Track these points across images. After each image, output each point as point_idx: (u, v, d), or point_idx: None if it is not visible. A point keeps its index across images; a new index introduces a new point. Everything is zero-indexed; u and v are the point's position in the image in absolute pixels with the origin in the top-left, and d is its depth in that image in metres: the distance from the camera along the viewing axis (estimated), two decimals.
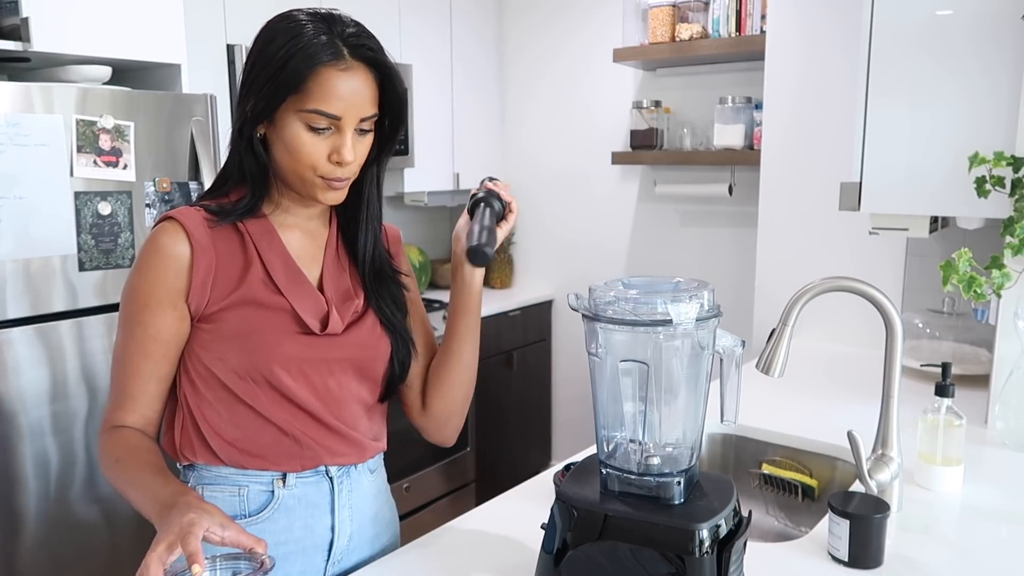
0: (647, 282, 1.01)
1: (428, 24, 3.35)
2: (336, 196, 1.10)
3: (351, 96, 1.03)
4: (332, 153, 1.05)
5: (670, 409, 0.98)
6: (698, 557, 0.89)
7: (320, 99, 1.02)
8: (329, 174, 1.06)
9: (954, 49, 1.70)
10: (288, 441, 1.12)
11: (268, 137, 1.08)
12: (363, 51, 1.04)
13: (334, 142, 1.05)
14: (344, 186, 1.09)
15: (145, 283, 1.07)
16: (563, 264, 3.74)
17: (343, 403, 1.16)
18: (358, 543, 1.22)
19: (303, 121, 1.03)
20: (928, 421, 1.41)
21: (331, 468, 1.16)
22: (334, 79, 1.02)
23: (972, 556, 1.20)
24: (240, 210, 1.10)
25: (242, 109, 1.07)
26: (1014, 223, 1.50)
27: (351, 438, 1.17)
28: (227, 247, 1.10)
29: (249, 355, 1.08)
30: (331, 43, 1.02)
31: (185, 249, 1.07)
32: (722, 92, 3.11)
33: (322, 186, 1.08)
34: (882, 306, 1.30)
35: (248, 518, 1.13)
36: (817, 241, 2.51)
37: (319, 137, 1.04)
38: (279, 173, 1.10)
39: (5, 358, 1.87)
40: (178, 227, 1.07)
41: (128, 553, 2.10)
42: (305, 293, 1.12)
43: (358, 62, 1.04)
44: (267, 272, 1.11)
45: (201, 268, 1.07)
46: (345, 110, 1.03)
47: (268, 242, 1.12)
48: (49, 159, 1.89)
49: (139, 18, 2.14)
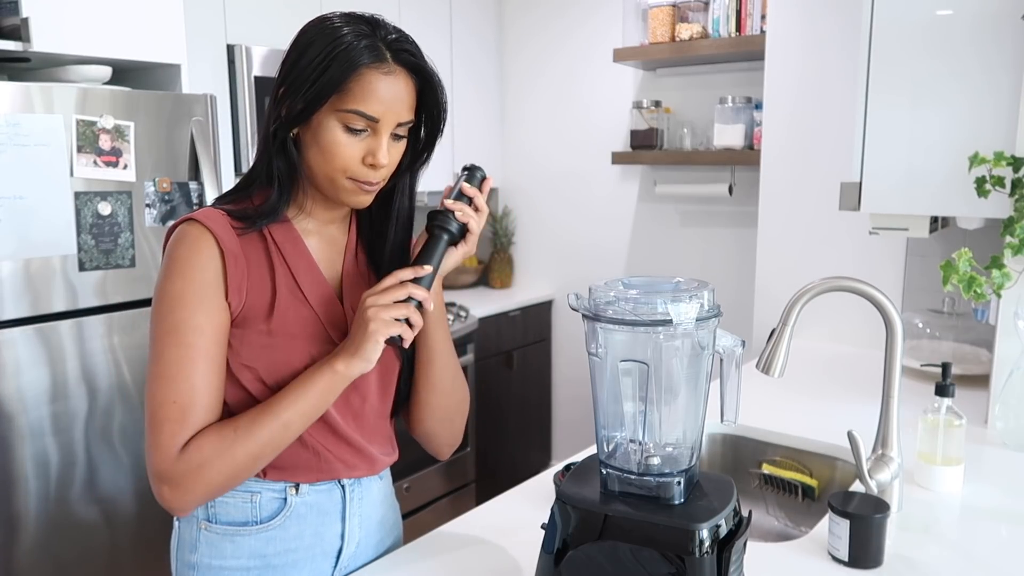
0: (647, 282, 1.01)
1: (428, 24, 3.35)
2: (364, 200, 1.08)
3: (391, 99, 1.02)
4: (367, 155, 1.03)
5: (670, 409, 0.98)
6: (698, 557, 0.89)
7: (361, 100, 1.00)
8: (362, 176, 1.04)
9: (954, 49, 1.70)
10: (308, 454, 1.11)
11: (301, 138, 1.05)
12: (405, 56, 1.03)
13: (370, 144, 1.03)
14: (374, 190, 1.07)
15: (191, 284, 1.02)
16: (563, 264, 3.74)
17: (363, 416, 1.15)
18: (365, 548, 1.21)
19: (341, 121, 1.02)
20: (928, 421, 1.41)
21: (344, 480, 1.16)
22: (376, 81, 1.01)
23: (972, 556, 1.20)
24: (265, 213, 1.07)
25: (277, 112, 1.04)
26: (1014, 223, 1.50)
27: (366, 453, 1.16)
28: (255, 254, 1.07)
29: (276, 363, 1.06)
30: (373, 46, 1.01)
31: (215, 251, 1.03)
32: (722, 92, 3.11)
33: (352, 189, 1.05)
34: (882, 306, 1.30)
35: (259, 524, 1.12)
36: (817, 241, 2.51)
37: (355, 138, 1.03)
38: (309, 175, 1.07)
39: (5, 358, 1.87)
40: (205, 231, 1.04)
41: (128, 553, 2.10)
42: (327, 302, 1.11)
43: (400, 66, 1.03)
44: (294, 278, 1.09)
45: (236, 273, 1.04)
46: (384, 113, 1.02)
47: (294, 248, 1.09)
48: (49, 159, 1.89)
49: (139, 18, 2.14)
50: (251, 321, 1.06)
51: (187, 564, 1.14)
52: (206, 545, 1.12)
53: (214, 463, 1.00)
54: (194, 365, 1.01)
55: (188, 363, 1.01)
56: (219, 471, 1.00)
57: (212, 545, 1.12)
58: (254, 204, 1.08)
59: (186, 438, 1.00)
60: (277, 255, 1.08)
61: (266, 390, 1.06)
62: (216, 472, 1.00)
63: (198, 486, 1.00)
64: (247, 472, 1.03)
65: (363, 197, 1.07)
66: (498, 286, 3.84)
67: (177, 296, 1.02)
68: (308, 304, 1.09)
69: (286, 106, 1.03)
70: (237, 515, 1.12)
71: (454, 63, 3.51)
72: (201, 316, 1.02)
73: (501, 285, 3.84)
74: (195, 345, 1.01)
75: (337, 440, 1.13)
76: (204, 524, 1.12)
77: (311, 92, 1.00)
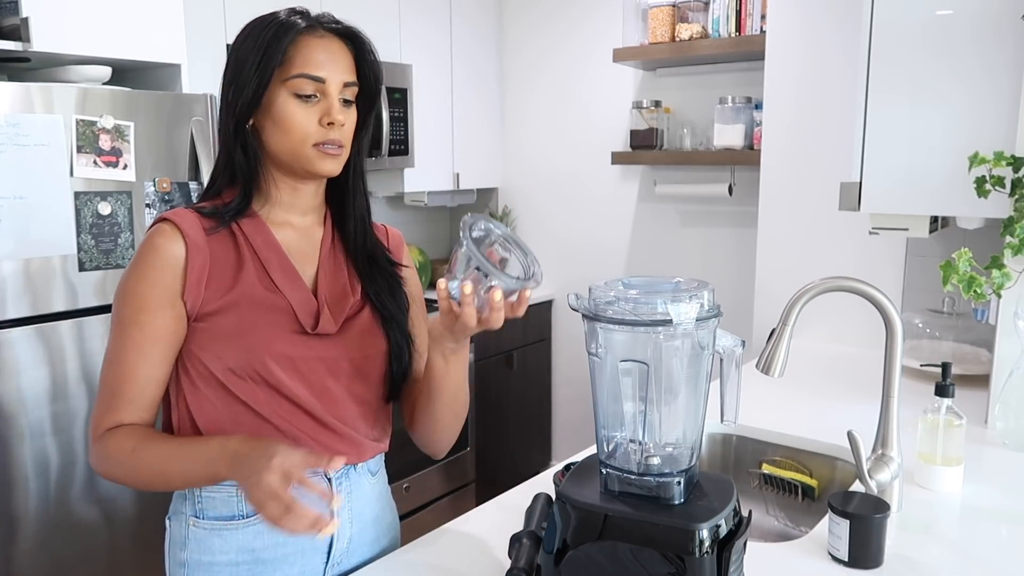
0: (647, 282, 1.01)
1: (428, 24, 3.35)
2: (332, 166, 1.11)
3: (331, 60, 1.09)
4: (322, 117, 1.08)
5: (670, 409, 0.98)
6: (698, 557, 0.89)
7: (303, 63, 1.07)
8: (322, 138, 1.09)
9: (954, 49, 1.70)
10: (286, 441, 1.11)
11: (258, 125, 1.11)
12: (334, 25, 1.11)
13: (322, 107, 1.09)
14: (339, 153, 1.11)
15: (142, 284, 1.07)
16: (563, 264, 3.74)
17: (341, 402, 1.15)
18: (358, 545, 1.21)
19: (290, 91, 1.07)
20: (928, 421, 1.41)
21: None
22: (313, 43, 1.08)
23: (972, 556, 1.20)
24: (232, 209, 1.11)
25: (231, 108, 1.10)
26: (1014, 223, 1.50)
27: (350, 438, 1.16)
28: (221, 246, 1.11)
29: (246, 353, 1.08)
30: (305, 17, 1.10)
31: (180, 250, 1.08)
32: (722, 92, 3.11)
33: (318, 155, 1.10)
34: (882, 306, 1.30)
35: (246, 519, 1.13)
36: (817, 241, 2.51)
37: (307, 104, 1.08)
38: (274, 159, 1.12)
39: (5, 358, 1.87)
40: (173, 228, 1.08)
41: (128, 553, 2.10)
42: (298, 290, 1.13)
43: (331, 33, 1.11)
44: (264, 269, 1.12)
45: (196, 266, 1.08)
46: (328, 73, 1.08)
47: (263, 239, 1.13)
48: (49, 159, 1.89)
49: (139, 18, 2.14)
50: (217, 314, 1.09)
51: (178, 562, 1.15)
52: (195, 541, 1.13)
53: (115, 465, 1.07)
54: (130, 360, 1.07)
55: (126, 353, 1.08)
56: (122, 474, 1.08)
57: (201, 541, 1.13)
58: (224, 202, 1.13)
59: (110, 423, 1.08)
60: (247, 248, 1.12)
61: (239, 382, 1.09)
62: (119, 472, 1.08)
63: (106, 471, 1.09)
64: (149, 487, 1.10)
65: (330, 162, 1.11)
66: None
67: (130, 292, 1.08)
68: (280, 293, 1.12)
69: (238, 99, 1.08)
70: (224, 510, 1.13)
71: (454, 63, 3.50)
72: (145, 314, 1.07)
73: None
74: (133, 337, 1.07)
75: (314, 424, 1.13)
76: (192, 520, 1.13)
77: (257, 73, 1.07)
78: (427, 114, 3.33)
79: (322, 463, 0.94)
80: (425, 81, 3.32)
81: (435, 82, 3.41)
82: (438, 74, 3.43)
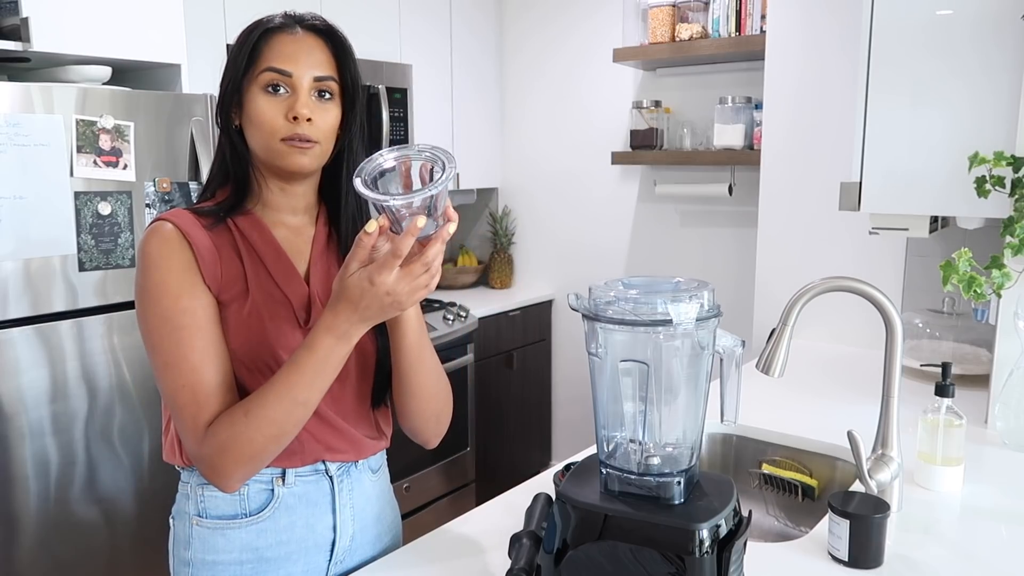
0: (647, 282, 1.01)
1: (428, 24, 3.35)
2: (303, 161, 1.09)
3: (300, 54, 1.08)
4: (288, 112, 1.07)
5: (670, 409, 0.98)
6: (698, 557, 0.89)
7: (270, 58, 1.08)
8: (288, 132, 1.07)
9: (954, 49, 1.70)
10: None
11: (243, 125, 1.11)
12: (312, 23, 1.12)
13: (290, 101, 1.08)
14: (310, 148, 1.08)
15: (171, 274, 1.05)
16: (563, 264, 3.74)
17: (342, 399, 1.16)
18: (360, 543, 1.22)
19: (260, 86, 1.08)
20: (928, 421, 1.41)
21: (330, 466, 1.16)
22: (284, 39, 1.09)
23: (972, 556, 1.20)
24: (227, 207, 1.12)
25: (217, 108, 1.13)
26: (1014, 223, 1.50)
27: (349, 435, 1.17)
28: (224, 246, 1.11)
29: (258, 344, 1.08)
30: (284, 17, 1.11)
31: (186, 244, 1.08)
32: (722, 92, 3.11)
33: (287, 150, 1.08)
34: (882, 306, 1.30)
35: (249, 517, 1.13)
36: (817, 241, 2.51)
37: (276, 99, 1.08)
38: (256, 158, 1.12)
39: (5, 358, 1.87)
40: (173, 227, 1.08)
41: (128, 553, 2.10)
42: (295, 285, 1.14)
43: (308, 31, 1.11)
44: (263, 264, 1.12)
45: (205, 256, 1.08)
46: (296, 67, 1.08)
47: (260, 236, 1.13)
48: (49, 159, 1.89)
49: (139, 18, 2.14)
50: (229, 304, 1.09)
51: (182, 561, 1.15)
52: (199, 540, 1.14)
53: (233, 446, 1.01)
54: (191, 346, 1.04)
55: (185, 346, 1.03)
56: (241, 452, 1.01)
57: (204, 540, 1.13)
58: (217, 202, 1.14)
59: (208, 417, 1.03)
60: (244, 244, 1.12)
61: (245, 370, 1.09)
62: (239, 453, 1.01)
63: (227, 465, 1.02)
64: (274, 446, 1.03)
65: (299, 158, 1.09)
66: (498, 286, 3.84)
67: (159, 286, 1.05)
68: (277, 286, 1.12)
69: (221, 99, 1.11)
70: (227, 508, 1.13)
71: (454, 63, 3.50)
72: (186, 299, 1.05)
73: (501, 285, 3.83)
74: (188, 326, 1.04)
75: (318, 421, 1.13)
76: (195, 519, 1.14)
77: (232, 71, 1.09)
78: (427, 114, 3.33)
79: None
80: (425, 81, 3.32)
81: (435, 82, 3.41)
82: (438, 74, 3.42)
